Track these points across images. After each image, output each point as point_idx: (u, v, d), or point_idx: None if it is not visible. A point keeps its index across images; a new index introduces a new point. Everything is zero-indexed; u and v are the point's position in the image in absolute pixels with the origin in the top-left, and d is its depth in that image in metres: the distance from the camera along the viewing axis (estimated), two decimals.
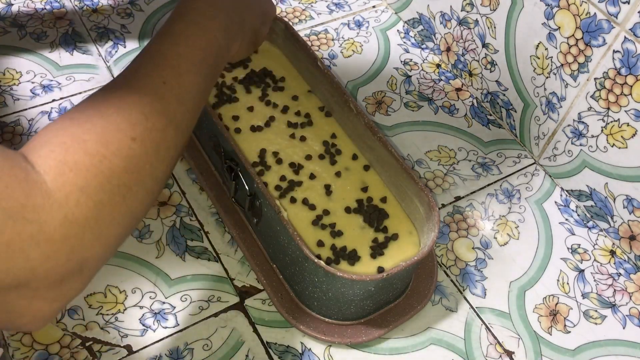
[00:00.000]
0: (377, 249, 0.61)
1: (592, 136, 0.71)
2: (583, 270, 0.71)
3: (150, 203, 0.42)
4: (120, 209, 0.38)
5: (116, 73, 0.81)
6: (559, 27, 0.70)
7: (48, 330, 0.60)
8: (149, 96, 0.42)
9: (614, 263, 0.72)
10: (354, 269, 0.60)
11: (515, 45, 0.76)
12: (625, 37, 0.63)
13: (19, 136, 0.73)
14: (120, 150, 0.38)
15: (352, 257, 0.60)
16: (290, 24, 0.75)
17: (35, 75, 0.80)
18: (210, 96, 0.70)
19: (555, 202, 0.76)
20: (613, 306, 0.68)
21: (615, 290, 0.70)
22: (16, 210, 0.33)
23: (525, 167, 0.79)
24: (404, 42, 0.92)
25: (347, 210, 0.64)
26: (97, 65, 0.82)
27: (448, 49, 0.88)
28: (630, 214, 0.70)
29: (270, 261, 0.65)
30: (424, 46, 0.92)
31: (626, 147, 0.67)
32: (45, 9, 0.88)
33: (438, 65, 0.89)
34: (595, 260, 0.72)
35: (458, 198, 0.75)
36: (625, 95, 0.65)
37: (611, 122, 0.68)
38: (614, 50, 0.65)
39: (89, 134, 0.38)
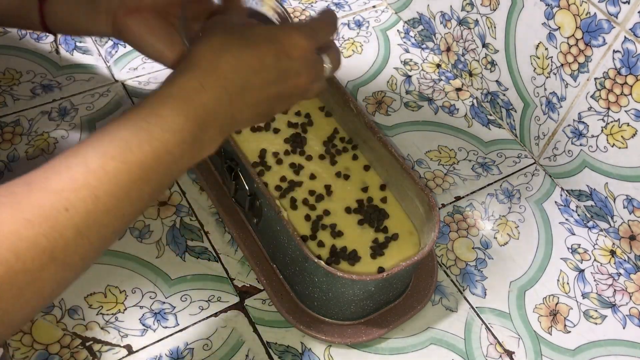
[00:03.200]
0: (377, 249, 0.61)
1: (592, 136, 0.71)
2: (583, 270, 0.71)
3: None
4: None
5: (116, 73, 0.82)
6: (559, 27, 0.70)
7: (48, 330, 0.60)
8: (34, 228, 0.34)
9: (614, 263, 0.72)
10: (354, 269, 0.60)
11: (516, 45, 0.76)
12: (625, 37, 0.63)
13: (19, 136, 0.73)
14: None
15: (352, 257, 0.60)
16: None
17: (35, 75, 0.80)
18: None
19: (556, 202, 0.76)
20: (613, 306, 0.68)
21: (615, 290, 0.70)
22: None
23: (525, 167, 0.79)
24: (404, 42, 0.92)
25: (347, 210, 0.64)
26: (97, 65, 0.82)
27: (448, 49, 0.88)
28: (630, 214, 0.70)
29: (270, 261, 0.65)
30: (424, 46, 0.92)
31: (626, 147, 0.67)
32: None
33: (438, 65, 0.89)
34: (595, 260, 0.72)
35: (458, 198, 0.75)
36: (626, 95, 0.65)
37: (611, 122, 0.68)
38: (614, 50, 0.65)
39: None
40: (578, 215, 0.75)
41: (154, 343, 0.60)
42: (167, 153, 0.39)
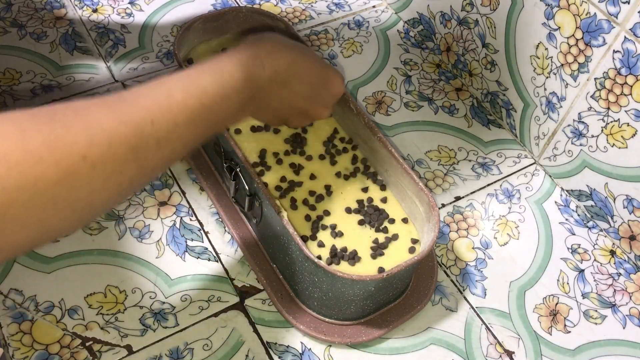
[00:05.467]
0: (377, 249, 0.61)
1: (592, 136, 0.71)
2: (583, 270, 0.71)
3: (73, 226, 0.41)
4: (33, 217, 0.36)
5: (116, 73, 0.82)
6: (559, 27, 0.70)
7: (48, 330, 0.60)
8: (127, 128, 0.40)
9: (614, 263, 0.72)
10: (354, 269, 0.60)
11: (515, 45, 0.76)
12: (625, 37, 0.63)
13: None
14: (63, 161, 0.37)
15: (353, 258, 0.60)
16: (290, 24, 0.76)
17: (35, 75, 0.80)
18: None
19: (555, 202, 0.76)
20: (613, 306, 0.68)
21: (615, 290, 0.70)
22: None
23: (525, 167, 0.79)
24: (404, 42, 0.92)
25: (348, 210, 0.64)
26: (97, 65, 0.82)
27: (448, 49, 0.88)
28: (630, 214, 0.70)
29: (270, 261, 0.65)
30: (424, 46, 0.92)
31: (626, 147, 0.67)
32: (45, 9, 0.88)
33: (438, 65, 0.89)
34: (595, 260, 0.72)
35: (458, 198, 0.75)
36: (625, 95, 0.65)
37: (611, 122, 0.68)
38: (614, 50, 0.65)
39: (40, 133, 0.36)
40: (578, 215, 0.75)
41: (154, 343, 0.60)
42: (227, 97, 0.48)
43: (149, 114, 0.42)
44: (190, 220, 0.69)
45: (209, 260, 0.67)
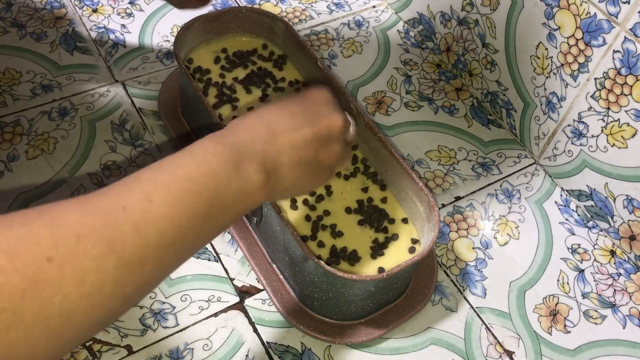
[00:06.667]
0: (377, 249, 0.61)
1: (592, 136, 0.71)
2: (583, 270, 0.71)
3: (50, 348, 0.33)
4: None
5: (116, 73, 0.82)
6: (559, 27, 0.70)
7: None
8: (94, 217, 0.35)
9: (614, 263, 0.72)
10: (354, 269, 0.60)
11: (515, 45, 0.76)
12: (625, 37, 0.63)
13: (19, 136, 0.73)
14: (26, 267, 0.31)
15: (353, 258, 0.60)
16: (290, 24, 0.76)
17: (35, 75, 0.80)
18: (211, 96, 0.70)
19: (555, 202, 0.76)
20: (613, 306, 0.68)
21: (615, 290, 0.70)
22: None
23: (525, 167, 0.79)
24: (404, 42, 0.92)
25: (348, 210, 0.64)
26: (97, 65, 0.82)
27: (448, 49, 0.88)
28: (630, 214, 0.70)
29: (270, 261, 0.65)
30: (424, 46, 0.92)
31: (626, 147, 0.67)
32: (45, 9, 0.88)
33: (438, 65, 0.89)
34: (595, 260, 0.72)
35: (458, 198, 0.75)
36: (626, 95, 0.65)
37: (611, 122, 0.68)
38: (614, 50, 0.65)
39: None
40: (578, 215, 0.75)
41: (154, 343, 0.60)
42: (212, 172, 0.42)
43: (118, 200, 0.37)
44: None
45: (209, 260, 0.67)
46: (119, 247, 0.35)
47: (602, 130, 0.69)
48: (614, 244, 0.73)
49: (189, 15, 0.70)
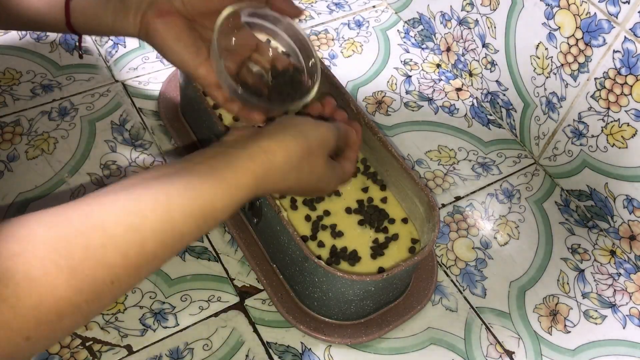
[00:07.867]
0: (377, 249, 0.61)
1: (592, 136, 0.71)
2: (583, 270, 0.71)
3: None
4: None
5: (116, 73, 0.82)
6: (559, 27, 0.70)
7: None
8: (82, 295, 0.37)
9: (614, 263, 0.72)
10: (354, 269, 0.60)
11: (516, 45, 0.76)
12: (625, 37, 0.63)
13: (19, 136, 0.73)
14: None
15: (353, 258, 0.60)
16: None
17: (35, 75, 0.80)
18: None
19: (555, 202, 0.76)
20: (613, 306, 0.68)
21: (615, 290, 0.70)
22: None
23: (525, 167, 0.79)
24: (404, 42, 0.92)
25: (348, 210, 0.64)
26: (97, 65, 0.82)
27: (448, 49, 0.88)
28: (630, 214, 0.70)
29: (270, 261, 0.65)
30: (424, 46, 0.92)
31: (626, 147, 0.67)
32: None
33: (438, 65, 0.89)
34: (595, 260, 0.72)
35: (458, 198, 0.75)
36: (626, 95, 0.65)
37: (611, 122, 0.68)
38: (614, 50, 0.65)
39: None
40: (578, 215, 0.75)
41: (154, 343, 0.60)
42: (193, 189, 0.44)
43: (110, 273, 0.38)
44: None
45: (209, 260, 0.67)
46: (96, 306, 0.38)
47: (602, 130, 0.69)
48: (614, 244, 0.73)
49: None
